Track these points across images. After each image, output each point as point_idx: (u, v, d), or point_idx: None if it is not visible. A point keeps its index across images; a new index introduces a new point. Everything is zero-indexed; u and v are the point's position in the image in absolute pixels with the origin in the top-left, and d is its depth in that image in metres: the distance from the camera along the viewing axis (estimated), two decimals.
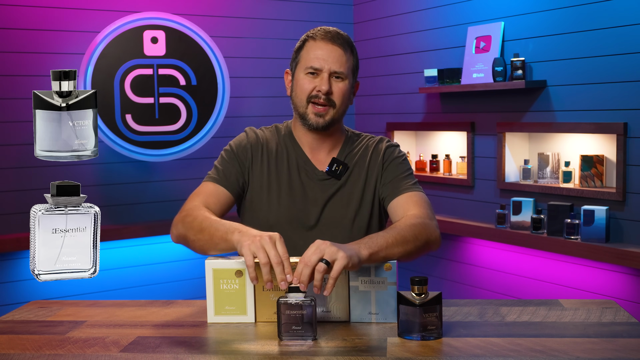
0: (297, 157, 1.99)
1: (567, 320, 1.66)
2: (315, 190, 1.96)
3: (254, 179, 1.98)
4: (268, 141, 2.02)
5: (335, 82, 1.93)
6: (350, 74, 1.95)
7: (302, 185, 1.96)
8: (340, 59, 1.93)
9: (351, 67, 1.96)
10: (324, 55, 1.92)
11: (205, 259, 1.71)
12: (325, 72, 1.92)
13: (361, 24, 4.69)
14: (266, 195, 1.96)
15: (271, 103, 4.46)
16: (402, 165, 2.00)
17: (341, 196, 1.97)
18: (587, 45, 3.34)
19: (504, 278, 3.88)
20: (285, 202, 1.95)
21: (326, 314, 1.66)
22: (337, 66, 1.92)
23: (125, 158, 3.99)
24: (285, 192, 1.96)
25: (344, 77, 1.93)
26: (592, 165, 3.36)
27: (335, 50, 1.93)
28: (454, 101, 4.07)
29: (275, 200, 1.95)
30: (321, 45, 1.93)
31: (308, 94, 1.93)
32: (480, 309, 1.76)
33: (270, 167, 1.98)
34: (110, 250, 4.01)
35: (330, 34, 1.94)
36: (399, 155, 2.01)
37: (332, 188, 1.97)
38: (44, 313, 1.82)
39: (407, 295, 1.54)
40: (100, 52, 3.76)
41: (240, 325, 1.67)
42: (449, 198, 4.13)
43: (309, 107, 1.93)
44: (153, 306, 1.86)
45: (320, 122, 1.93)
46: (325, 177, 1.97)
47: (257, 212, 1.97)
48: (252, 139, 2.02)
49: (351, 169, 1.99)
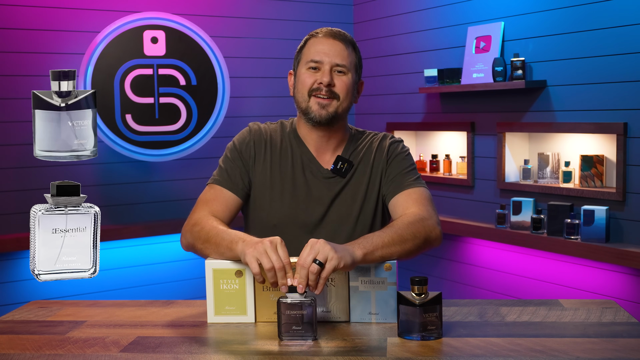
0: (301, 155, 1.98)
1: (567, 320, 1.66)
2: (321, 189, 1.95)
3: (257, 176, 1.97)
4: (272, 136, 2.00)
5: (338, 75, 1.92)
6: (352, 68, 1.94)
7: (307, 183, 1.96)
8: (342, 53, 1.92)
9: (353, 62, 1.95)
10: (325, 49, 1.92)
11: (205, 259, 1.71)
12: (326, 65, 1.91)
13: (361, 24, 4.69)
14: (269, 193, 1.95)
15: (271, 103, 4.46)
16: (405, 161, 1.98)
17: (346, 194, 1.96)
18: (587, 45, 3.34)
19: (504, 278, 3.88)
20: (289, 201, 1.94)
21: (326, 314, 1.66)
22: (339, 59, 1.92)
23: (125, 158, 3.99)
24: (289, 190, 1.95)
25: (346, 70, 1.93)
26: (592, 165, 3.36)
27: (337, 45, 1.93)
28: (454, 101, 4.07)
29: (278, 199, 1.95)
30: (323, 40, 1.94)
31: (309, 87, 1.92)
32: (480, 309, 1.76)
33: (274, 163, 1.97)
34: (111, 250, 4.01)
35: (332, 32, 1.95)
36: (402, 151, 2.00)
37: (337, 186, 1.96)
38: (44, 313, 1.82)
39: (407, 295, 1.53)
40: (100, 52, 3.76)
41: (240, 325, 1.66)
42: (449, 198, 4.13)
43: (311, 100, 1.92)
44: (153, 306, 1.86)
45: (324, 113, 1.91)
46: (330, 175, 1.96)
47: (260, 211, 1.96)
48: (256, 134, 2.00)
49: (356, 166, 1.98)
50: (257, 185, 1.96)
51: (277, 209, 1.94)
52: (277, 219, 1.94)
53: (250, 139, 1.99)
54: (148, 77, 3.88)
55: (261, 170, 1.96)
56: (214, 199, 1.92)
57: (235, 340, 1.56)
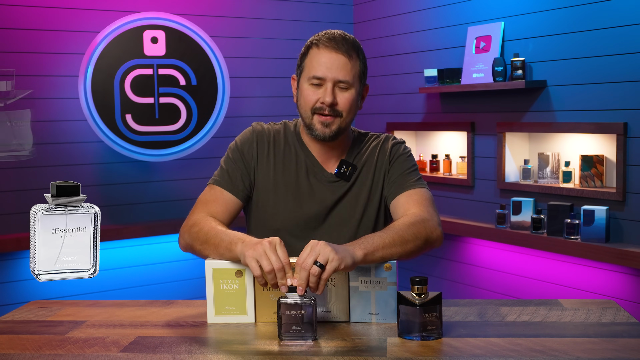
0: (305, 158, 1.96)
1: (567, 320, 1.66)
2: (324, 192, 1.94)
3: (260, 178, 1.95)
4: (276, 138, 1.98)
5: (340, 92, 1.87)
6: (356, 81, 1.89)
7: (311, 187, 1.94)
8: (345, 67, 1.86)
9: (357, 73, 1.89)
10: (327, 63, 1.86)
11: (205, 260, 1.71)
12: (329, 82, 1.86)
13: (361, 24, 4.69)
14: (273, 196, 1.94)
15: (271, 103, 4.46)
16: (407, 162, 1.98)
17: (350, 197, 1.95)
18: (587, 45, 3.34)
19: (504, 278, 3.88)
20: (293, 205, 1.93)
21: (326, 314, 1.66)
22: (342, 75, 1.86)
23: (125, 158, 3.99)
24: (292, 194, 1.94)
25: (349, 85, 1.87)
26: (592, 165, 3.36)
27: (339, 59, 1.86)
28: (454, 101, 4.07)
29: (282, 202, 1.93)
30: (324, 53, 1.87)
31: (312, 106, 1.88)
32: (480, 309, 1.76)
33: (277, 165, 1.95)
34: (110, 250, 4.01)
35: (334, 41, 1.87)
36: (404, 152, 2.00)
37: (341, 190, 1.95)
38: (44, 313, 1.82)
39: (407, 295, 1.54)
40: (100, 52, 3.76)
41: (240, 325, 1.67)
42: (449, 198, 4.13)
43: (314, 118, 1.88)
44: (153, 306, 1.86)
45: (327, 132, 1.89)
46: (334, 179, 1.95)
47: (263, 213, 1.95)
48: (259, 135, 1.98)
49: (359, 169, 1.97)
50: (260, 187, 1.95)
51: (280, 212, 1.93)
52: (280, 222, 1.93)
53: (253, 140, 1.97)
54: (148, 77, 3.88)
55: (264, 172, 1.95)
56: (214, 200, 1.92)
57: (235, 341, 1.56)
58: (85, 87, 3.74)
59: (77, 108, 3.83)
